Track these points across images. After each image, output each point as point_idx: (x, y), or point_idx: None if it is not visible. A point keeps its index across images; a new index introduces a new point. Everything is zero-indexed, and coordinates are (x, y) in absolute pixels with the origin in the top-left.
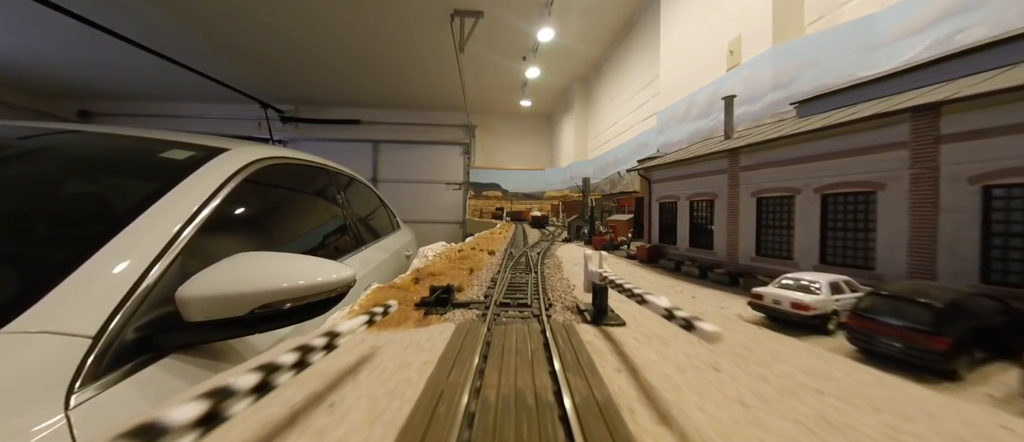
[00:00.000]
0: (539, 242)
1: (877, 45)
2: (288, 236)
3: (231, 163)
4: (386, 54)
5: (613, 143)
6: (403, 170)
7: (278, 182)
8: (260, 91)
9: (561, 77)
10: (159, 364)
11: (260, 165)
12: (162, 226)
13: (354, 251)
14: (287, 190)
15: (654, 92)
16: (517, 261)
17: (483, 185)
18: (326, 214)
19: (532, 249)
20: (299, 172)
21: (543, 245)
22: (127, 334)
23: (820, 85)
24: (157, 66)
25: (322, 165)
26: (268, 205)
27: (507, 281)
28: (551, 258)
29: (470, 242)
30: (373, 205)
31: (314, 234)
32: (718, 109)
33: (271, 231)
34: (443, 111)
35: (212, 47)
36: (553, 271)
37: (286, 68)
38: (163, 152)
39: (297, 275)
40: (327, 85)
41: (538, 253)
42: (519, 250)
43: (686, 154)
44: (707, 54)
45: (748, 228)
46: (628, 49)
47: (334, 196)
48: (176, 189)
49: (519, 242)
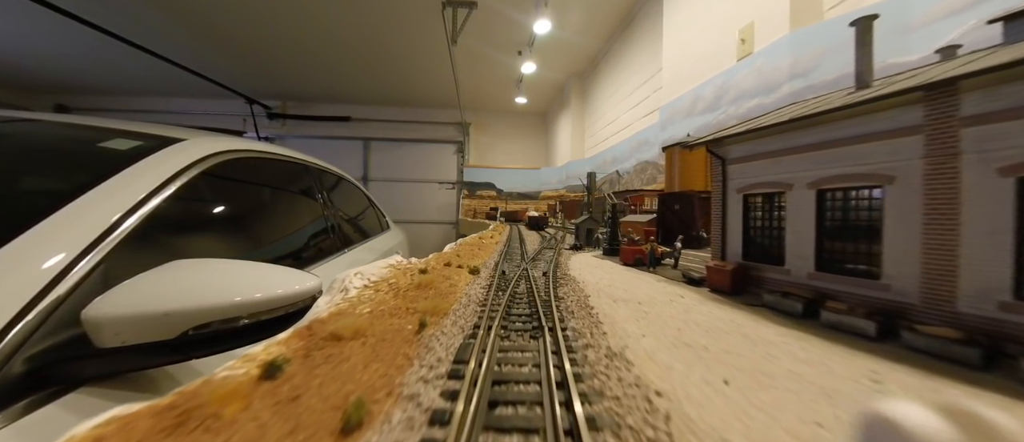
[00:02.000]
0: (541, 251)
1: (912, 27)
2: (256, 239)
3: (184, 155)
4: (377, 47)
5: (611, 141)
6: (395, 169)
7: (246, 178)
8: (246, 87)
9: (557, 72)
10: (60, 402)
11: (222, 159)
12: (82, 227)
13: (336, 254)
14: (257, 187)
15: (656, 87)
16: (513, 293)
17: (477, 184)
18: (304, 214)
19: (533, 264)
20: (273, 168)
21: (547, 255)
22: (14, 365)
23: (845, 72)
24: (137, 59)
25: (301, 161)
26: (233, 204)
27: (491, 365)
28: (568, 283)
29: (448, 251)
30: (360, 204)
31: (288, 236)
32: (728, 102)
33: (236, 234)
34: (436, 108)
35: (195, 40)
36: (582, 318)
37: (273, 63)
38: (104, 141)
39: (247, 287)
40: (316, 81)
41: (544, 272)
42: (515, 266)
43: (809, 109)
44: (715, 44)
45: (987, 238)
46: (628, 42)
47: (314, 195)
48: (107, 183)
49: (515, 251)
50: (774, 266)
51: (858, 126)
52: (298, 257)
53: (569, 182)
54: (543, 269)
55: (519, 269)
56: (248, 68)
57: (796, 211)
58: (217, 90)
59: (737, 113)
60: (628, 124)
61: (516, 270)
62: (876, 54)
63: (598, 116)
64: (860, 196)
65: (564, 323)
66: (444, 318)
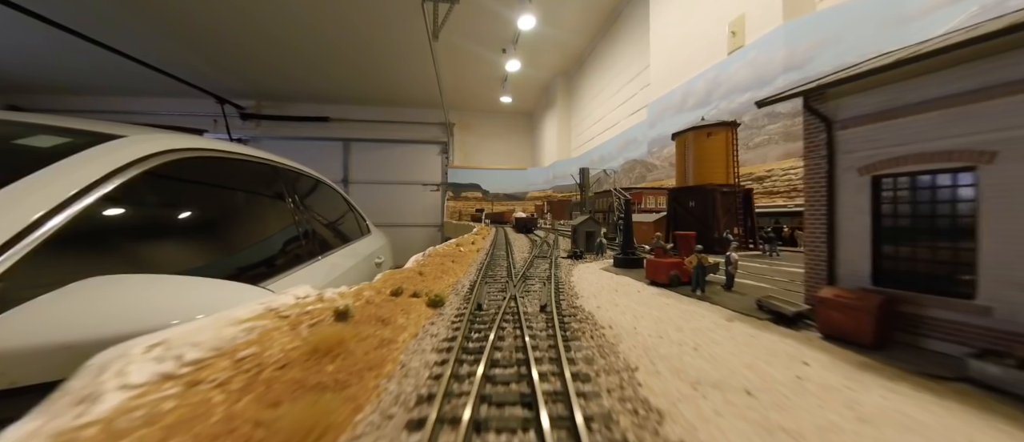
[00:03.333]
0: (532, 262)
1: (909, 16)
2: (211, 249)
3: (120, 154)
4: (357, 43)
5: (598, 140)
6: (377, 171)
7: (202, 180)
8: (215, 85)
9: (543, 71)
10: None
11: (170, 158)
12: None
13: (309, 261)
14: (215, 190)
15: (643, 83)
16: (491, 364)
17: (462, 186)
18: (271, 219)
19: (523, 286)
20: (234, 169)
21: (540, 269)
22: None
23: (842, 64)
24: (94, 55)
25: (268, 162)
26: (183, 209)
27: None
28: (585, 330)
29: (410, 267)
30: (338, 208)
31: (251, 244)
32: (719, 96)
33: (186, 243)
34: (419, 108)
35: (158, 34)
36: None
37: (245, 59)
38: (21, 138)
39: (182, 308)
40: (292, 79)
41: (542, 306)
42: (498, 290)
43: None
44: (704, 38)
45: None
46: (614, 39)
47: (284, 198)
48: (13, 187)
49: (498, 263)
50: (951, 298)
51: None
52: (264, 266)
53: (556, 182)
54: (539, 297)
55: (504, 298)
56: (218, 65)
57: (1003, 199)
58: (183, 89)
59: (729, 108)
60: (615, 123)
61: (499, 299)
62: (871, 44)
63: (584, 115)
64: None
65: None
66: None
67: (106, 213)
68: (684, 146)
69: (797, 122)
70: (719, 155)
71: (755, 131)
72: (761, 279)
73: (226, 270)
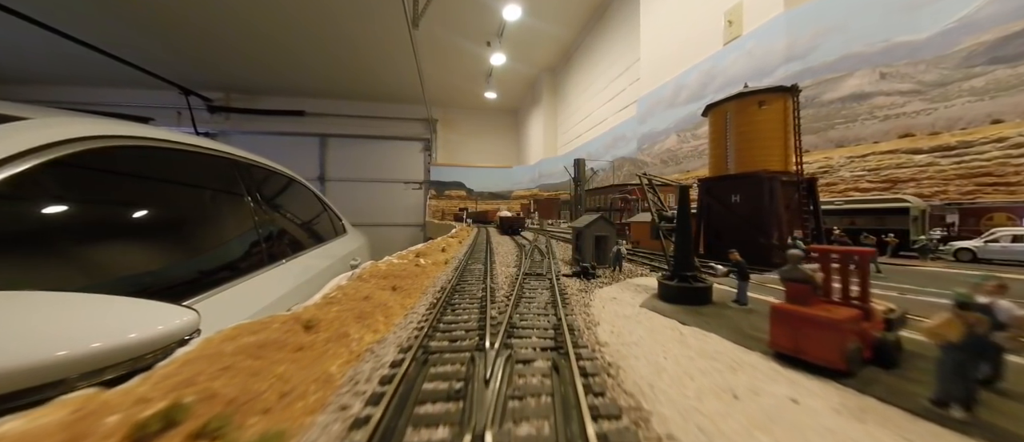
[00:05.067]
0: (521, 281)
1: (919, 3)
2: (137, 255)
3: (17, 139)
4: (334, 33)
5: (585, 137)
6: (356, 168)
7: (131, 173)
8: (180, 75)
9: (528, 66)
10: None
11: (88, 146)
12: None
13: (271, 265)
14: (149, 185)
15: (633, 78)
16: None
17: (446, 184)
18: (225, 219)
19: (515, 337)
20: (178, 162)
21: (537, 299)
22: None
23: (849, 53)
24: (42, 40)
25: (223, 155)
26: (102, 207)
27: None
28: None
29: (342, 288)
30: (310, 207)
31: (193, 248)
32: (714, 89)
33: (101, 248)
34: (401, 104)
35: (110, 16)
36: None
37: (213, 47)
38: None
39: (77, 333)
40: (265, 70)
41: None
42: (463, 355)
43: None
44: (698, 29)
45: None
46: (602, 32)
47: (242, 196)
48: None
49: (469, 289)
50: None
51: None
52: (207, 276)
53: (542, 181)
54: (547, 393)
55: (470, 393)
56: (183, 54)
57: None
58: (144, 79)
59: None
60: (603, 119)
61: (463, 394)
62: (878, 32)
63: (571, 112)
64: None
65: None
66: None
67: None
68: (722, 121)
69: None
70: (774, 132)
71: None
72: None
73: (141, 284)
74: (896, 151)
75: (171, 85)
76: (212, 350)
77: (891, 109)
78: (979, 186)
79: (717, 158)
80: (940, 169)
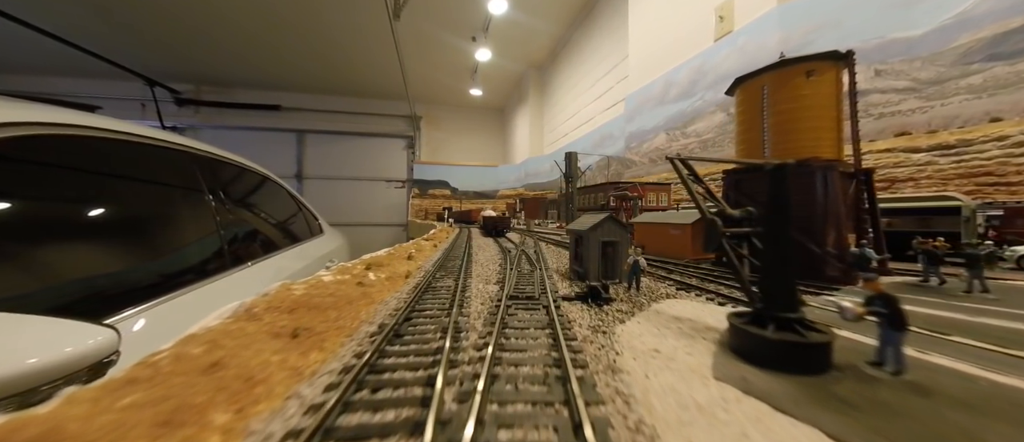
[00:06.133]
0: (504, 316)
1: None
2: (62, 260)
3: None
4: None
5: (572, 136)
6: (336, 166)
7: (62, 165)
8: (145, 65)
9: (515, 63)
10: None
11: (7, 134)
12: None
13: (230, 270)
14: (76, 178)
15: (621, 76)
16: None
17: (430, 183)
18: (179, 221)
19: None
20: (123, 155)
21: (532, 341)
22: None
23: (845, 48)
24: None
25: (183, 148)
26: (13, 202)
27: None
28: None
29: (160, 355)
30: (283, 206)
31: (134, 253)
32: (705, 86)
33: (18, 253)
34: (383, 99)
35: (71, 3)
36: None
37: (182, 35)
38: None
39: None
40: (238, 61)
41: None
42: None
43: None
44: (688, 24)
45: None
46: (590, 28)
47: (203, 194)
48: None
49: (436, 303)
50: None
51: None
52: (155, 281)
53: (528, 180)
54: None
55: None
56: (147, 42)
57: None
58: (108, 69)
59: (716, 98)
60: (590, 118)
61: None
62: (874, 28)
63: (558, 110)
64: None
65: None
66: None
67: None
68: (756, 98)
69: None
70: (825, 110)
71: None
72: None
73: (64, 296)
74: (893, 149)
75: (135, 75)
76: None
77: (886, 107)
78: (979, 186)
79: (749, 144)
80: (939, 168)
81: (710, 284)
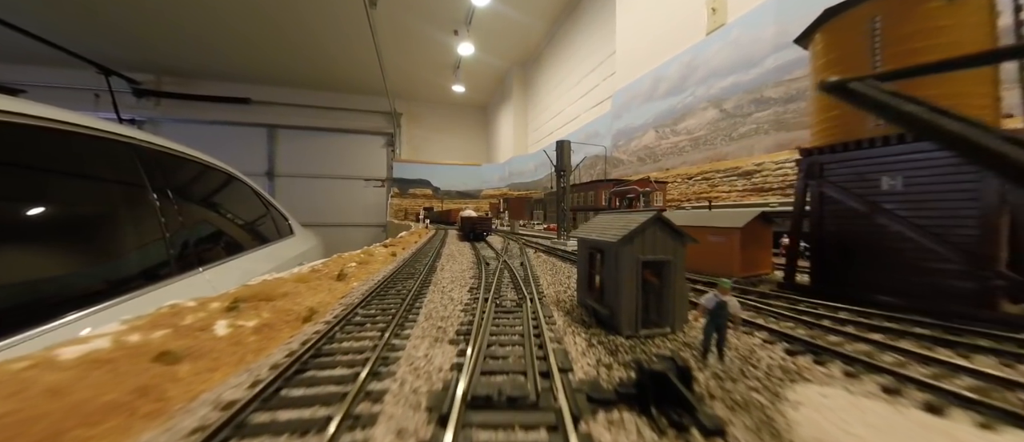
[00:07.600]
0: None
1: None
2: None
3: None
4: (285, 12)
5: (557, 134)
6: (311, 163)
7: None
8: (99, 52)
9: (498, 59)
10: None
11: None
12: None
13: (177, 276)
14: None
15: (607, 72)
16: None
17: (410, 182)
18: (106, 220)
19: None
20: (40, 146)
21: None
22: None
23: None
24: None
25: (117, 137)
26: None
27: None
28: None
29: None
30: (245, 205)
31: (50, 259)
32: (696, 81)
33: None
34: (361, 95)
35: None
36: None
37: (140, 19)
38: None
39: None
40: (204, 50)
41: None
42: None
43: None
44: (679, 18)
45: None
46: (576, 24)
47: (144, 189)
48: None
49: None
50: None
51: None
52: (60, 294)
53: (512, 180)
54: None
55: None
56: (102, 27)
57: None
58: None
59: (707, 94)
60: (576, 116)
61: None
62: None
63: (542, 108)
64: None
65: None
66: None
67: None
68: (859, 39)
69: (789, 109)
70: (977, 44)
71: (740, 119)
72: None
73: None
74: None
75: (86, 62)
76: None
77: None
78: None
79: (843, 111)
80: None
81: (831, 330)
